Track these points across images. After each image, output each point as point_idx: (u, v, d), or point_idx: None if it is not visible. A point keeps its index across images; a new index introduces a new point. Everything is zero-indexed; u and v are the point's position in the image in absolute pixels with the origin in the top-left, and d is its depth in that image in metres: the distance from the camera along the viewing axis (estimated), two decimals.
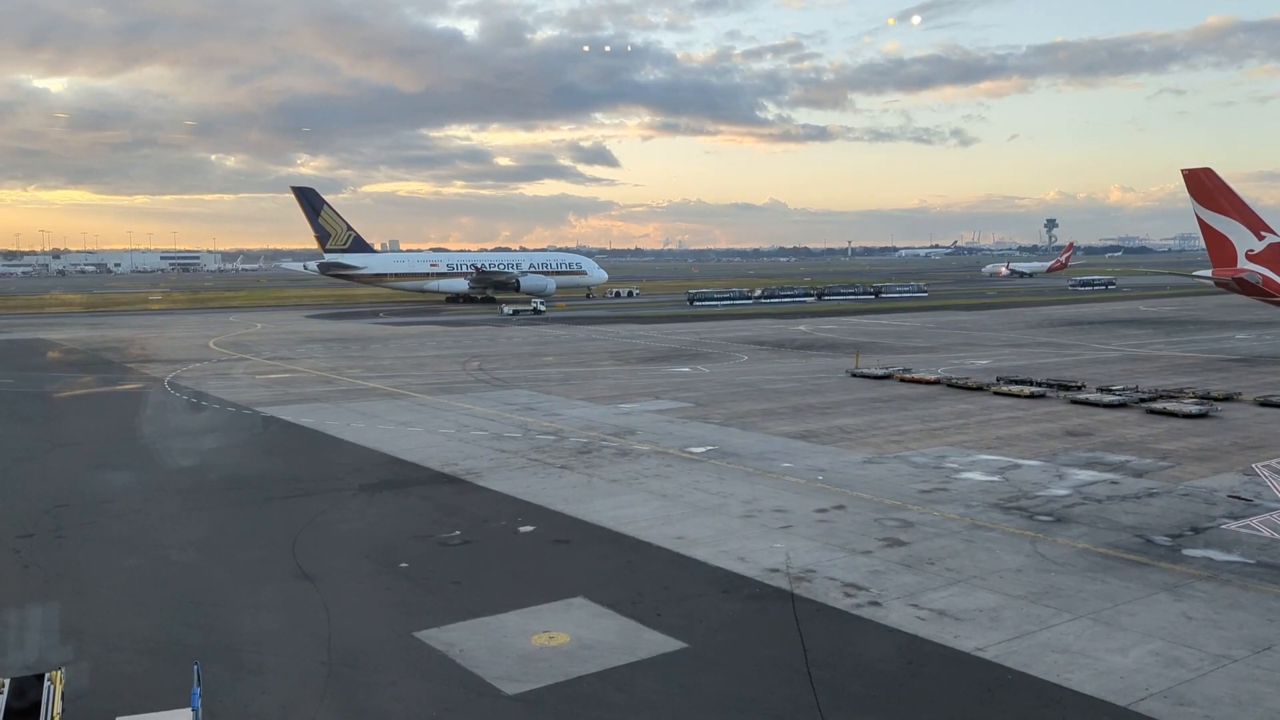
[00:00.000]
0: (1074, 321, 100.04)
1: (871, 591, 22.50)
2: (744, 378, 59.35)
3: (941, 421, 43.76)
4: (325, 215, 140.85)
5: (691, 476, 33.46)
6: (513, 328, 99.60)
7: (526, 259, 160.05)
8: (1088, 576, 23.40)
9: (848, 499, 30.35)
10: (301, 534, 27.67)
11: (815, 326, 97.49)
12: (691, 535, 26.83)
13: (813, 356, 71.28)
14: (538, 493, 31.55)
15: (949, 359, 67.68)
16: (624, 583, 23.44)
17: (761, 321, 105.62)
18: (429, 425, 44.07)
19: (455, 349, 79.08)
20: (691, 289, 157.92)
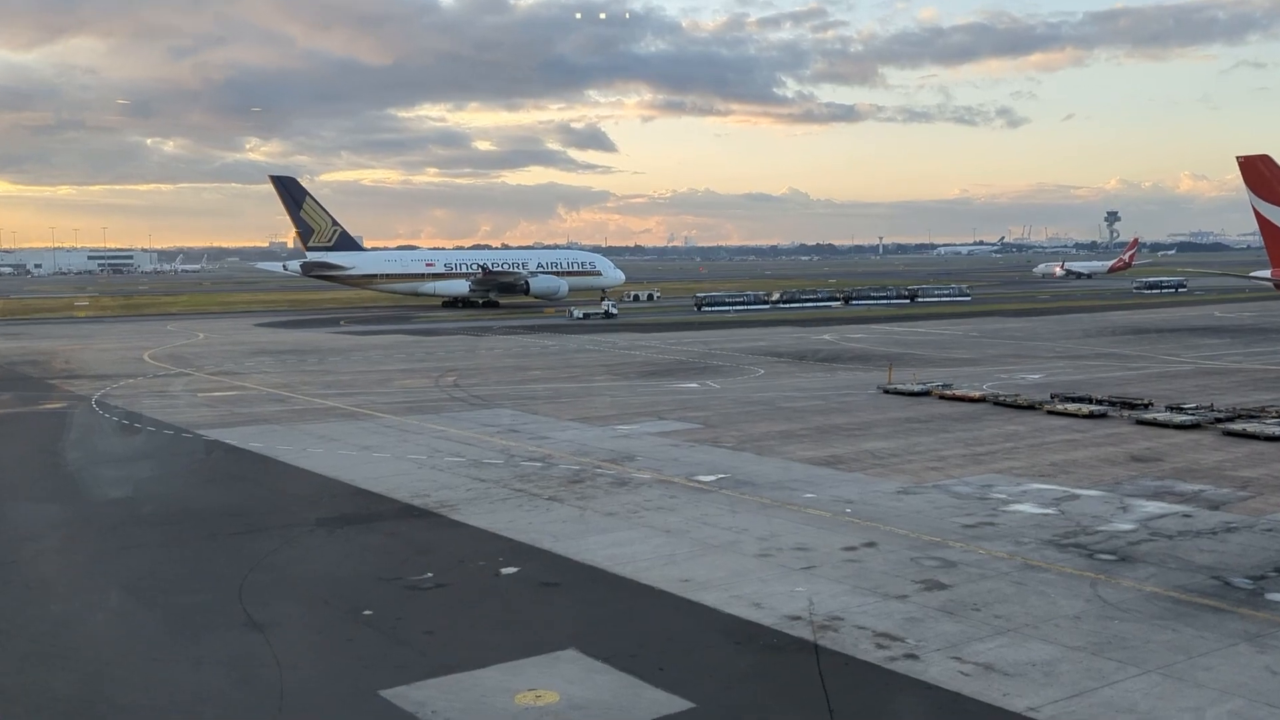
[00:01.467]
0: (1139, 329, 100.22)
1: (907, 642, 22.48)
2: (760, 395, 59.39)
3: (987, 445, 43.79)
4: (308, 208, 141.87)
5: (699, 509, 33.48)
6: (494, 339, 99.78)
7: (534, 258, 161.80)
8: (1156, 624, 23.38)
9: (880, 535, 30.34)
10: (250, 576, 27.64)
11: (841, 335, 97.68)
12: (699, 577, 26.81)
13: (839, 370, 71.35)
14: (522, 528, 31.55)
15: (995, 373, 67.75)
16: (621, 632, 23.42)
17: (780, 329, 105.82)
18: (397, 450, 44.08)
19: (427, 362, 79.16)
20: (699, 292, 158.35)
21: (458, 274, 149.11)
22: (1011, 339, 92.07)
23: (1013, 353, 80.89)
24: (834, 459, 41.22)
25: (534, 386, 64.79)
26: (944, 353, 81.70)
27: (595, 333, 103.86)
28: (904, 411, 52.78)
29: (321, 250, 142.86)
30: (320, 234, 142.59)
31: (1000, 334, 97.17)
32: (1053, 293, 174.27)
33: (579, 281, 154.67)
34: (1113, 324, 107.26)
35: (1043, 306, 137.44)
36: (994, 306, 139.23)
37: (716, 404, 56.25)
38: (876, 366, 71.61)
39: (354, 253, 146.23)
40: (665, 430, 48.24)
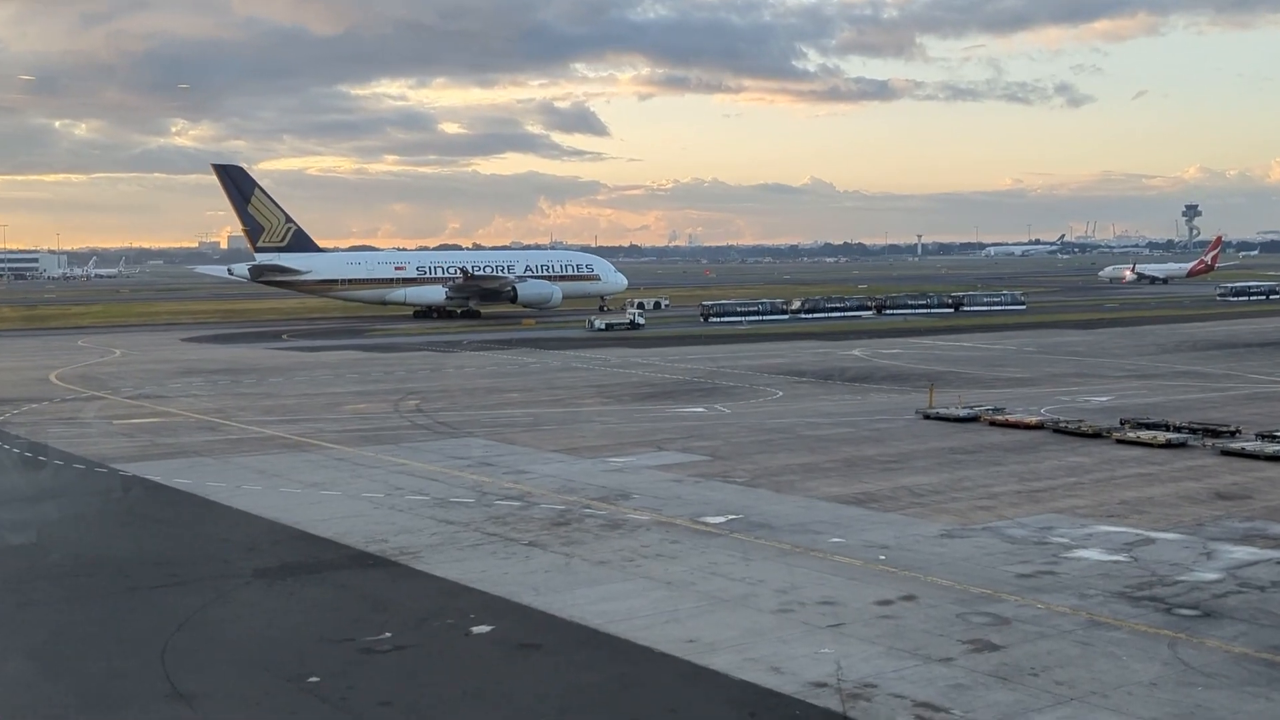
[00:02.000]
0: (1224, 344, 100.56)
1: (953, 713, 22.43)
2: (777, 421, 59.41)
3: (1046, 480, 43.81)
4: (257, 203, 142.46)
5: (707, 556, 33.46)
6: (464, 355, 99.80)
7: (521, 260, 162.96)
8: (1246, 692, 23.34)
9: (920, 586, 30.33)
10: (175, 637, 27.55)
11: (874, 351, 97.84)
12: (707, 637, 26.77)
13: (870, 392, 71.40)
14: (497, 579, 31.50)
15: (1056, 395, 67.83)
16: (614, 703, 23.35)
17: (801, 344, 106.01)
18: (349, 487, 44.04)
19: (385, 383, 79.21)
20: (706, 299, 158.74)
21: (432, 279, 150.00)
22: (1074, 355, 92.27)
23: (1075, 371, 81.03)
24: (865, 497, 41.22)
25: (511, 412, 64.72)
26: (994, 371, 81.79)
27: (584, 347, 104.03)
28: (947, 441, 52.79)
29: (273, 251, 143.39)
30: (271, 232, 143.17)
31: (1061, 349, 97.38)
32: (1122, 300, 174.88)
33: (574, 287, 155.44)
34: (1193, 337, 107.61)
35: (1110, 317, 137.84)
36: (1053, 317, 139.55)
37: (726, 432, 56.23)
38: (915, 387, 71.68)
39: (311, 254, 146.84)
40: (666, 463, 48.20)
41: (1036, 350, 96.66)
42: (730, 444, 52.71)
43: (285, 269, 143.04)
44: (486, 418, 62.32)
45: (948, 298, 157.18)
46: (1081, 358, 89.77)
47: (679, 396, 70.39)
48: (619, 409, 65.39)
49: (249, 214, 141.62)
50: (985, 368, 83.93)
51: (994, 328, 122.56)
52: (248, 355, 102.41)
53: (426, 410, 65.41)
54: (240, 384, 79.76)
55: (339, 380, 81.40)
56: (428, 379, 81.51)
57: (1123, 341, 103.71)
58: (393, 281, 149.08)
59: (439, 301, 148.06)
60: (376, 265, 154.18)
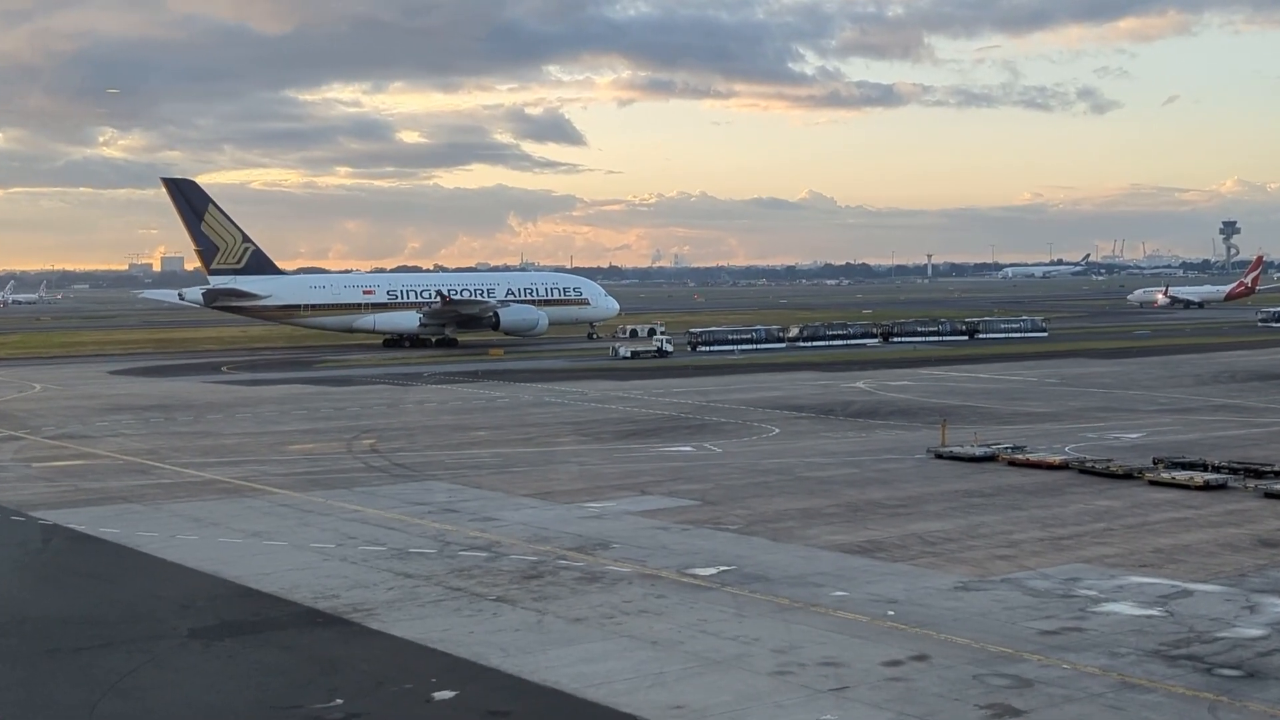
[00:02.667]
0: (1267, 375, 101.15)
1: None
2: (774, 461, 59.47)
3: (1072, 526, 43.90)
4: (212, 220, 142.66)
5: (696, 613, 33.40)
6: (425, 389, 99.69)
7: (501, 282, 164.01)
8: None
9: (933, 645, 30.31)
10: (102, 704, 27.34)
11: (880, 383, 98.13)
12: (696, 702, 26.69)
13: (876, 428, 71.55)
14: (462, 639, 31.39)
15: (1081, 431, 68.08)
16: None
17: (800, 375, 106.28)
18: (296, 537, 43.88)
19: (337, 420, 79.06)
20: (694, 326, 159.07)
21: (404, 304, 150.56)
22: (1101, 387, 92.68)
23: (1103, 405, 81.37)
24: (872, 545, 41.23)
25: (477, 452, 64.62)
26: (1014, 405, 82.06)
27: (562, 380, 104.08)
28: (962, 483, 52.91)
29: (229, 273, 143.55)
30: (227, 253, 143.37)
31: (1087, 381, 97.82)
32: (1154, 326, 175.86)
33: (560, 313, 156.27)
34: (1232, 367, 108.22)
35: (1141, 345, 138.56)
36: (1078, 345, 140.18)
37: (717, 473, 56.23)
38: (926, 424, 71.87)
39: (270, 277, 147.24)
40: (650, 508, 48.14)
41: (1060, 382, 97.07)
42: (721, 487, 52.67)
43: (242, 293, 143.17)
44: (450, 459, 62.18)
45: (961, 324, 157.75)
46: (1110, 390, 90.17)
47: (664, 434, 70.36)
48: (598, 448, 65.30)
49: (202, 233, 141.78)
50: (1003, 402, 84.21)
51: (1013, 357, 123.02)
52: (183, 390, 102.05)
53: (383, 450, 65.23)
54: (175, 422, 79.47)
55: (285, 417, 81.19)
56: (384, 415, 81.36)
57: (1155, 372, 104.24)
58: (360, 307, 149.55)
59: (412, 329, 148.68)
60: (343, 289, 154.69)
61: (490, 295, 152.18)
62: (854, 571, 37.59)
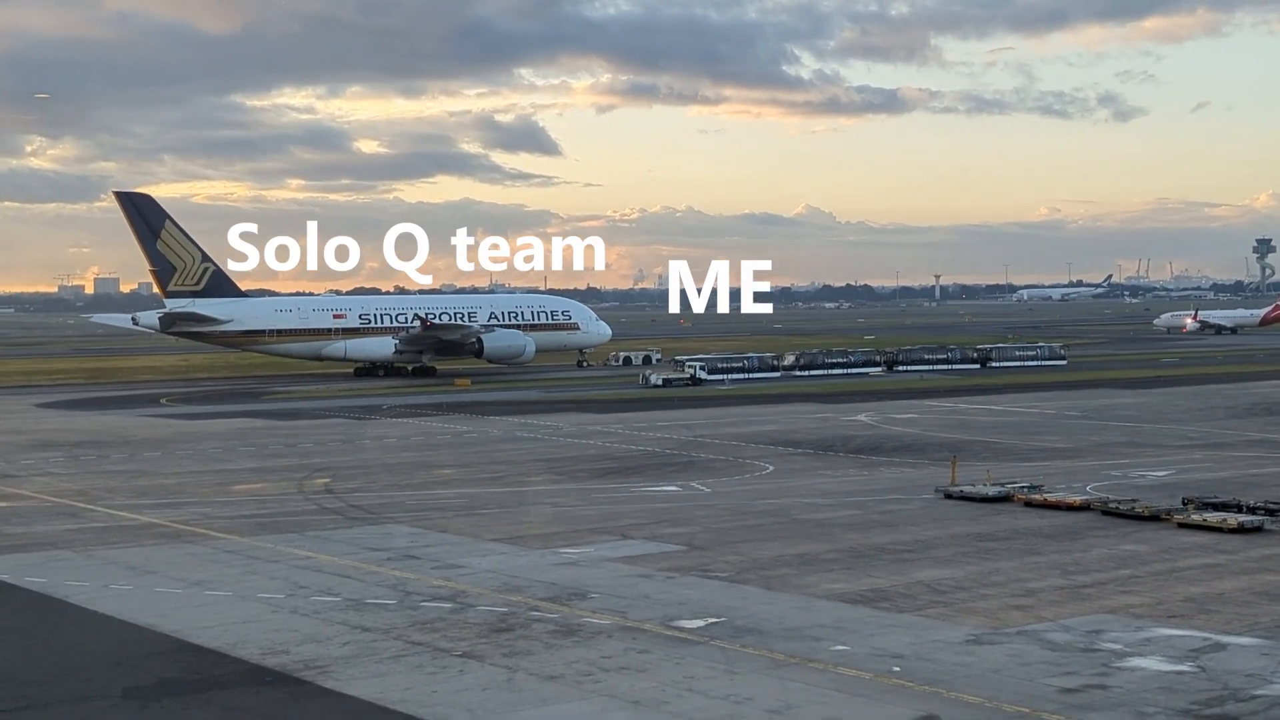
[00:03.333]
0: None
1: None
2: (767, 502, 59.54)
3: (1094, 573, 43.99)
4: (168, 238, 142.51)
5: (682, 669, 33.37)
6: (384, 423, 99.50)
7: (483, 305, 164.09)
8: None
9: (942, 704, 30.34)
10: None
11: (884, 416, 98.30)
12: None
13: (880, 466, 71.63)
14: (424, 700, 31.29)
15: (1104, 469, 68.29)
16: None
17: (796, 408, 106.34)
18: (242, 587, 43.70)
19: (287, 457, 78.84)
20: (680, 354, 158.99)
21: (378, 329, 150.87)
22: (1125, 420, 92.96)
23: (1127, 440, 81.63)
24: (875, 594, 41.25)
25: (441, 492, 64.50)
26: (1030, 440, 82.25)
27: (535, 413, 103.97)
28: (974, 525, 52.99)
29: (187, 296, 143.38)
30: (185, 273, 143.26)
31: (1109, 413, 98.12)
32: (1182, 354, 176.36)
33: (549, 338, 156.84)
34: (1268, 398, 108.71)
35: (1169, 374, 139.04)
36: (1100, 374, 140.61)
37: (706, 515, 56.20)
38: (934, 460, 72.02)
39: (232, 300, 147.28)
40: (632, 554, 48.06)
41: (1080, 415, 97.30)
42: (710, 530, 52.63)
43: (202, 317, 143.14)
44: (411, 500, 62.04)
45: (972, 351, 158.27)
46: (1135, 424, 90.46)
47: (647, 472, 70.31)
48: (574, 488, 65.22)
49: (158, 251, 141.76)
50: (1019, 436, 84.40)
51: (1029, 387, 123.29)
52: (118, 424, 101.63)
53: (337, 491, 65.08)
54: (108, 460, 79.13)
55: (229, 454, 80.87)
56: (339, 452, 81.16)
57: (1184, 404, 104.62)
58: (330, 332, 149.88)
59: (386, 356, 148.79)
60: (311, 313, 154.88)
61: (472, 319, 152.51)
62: (856, 623, 37.55)
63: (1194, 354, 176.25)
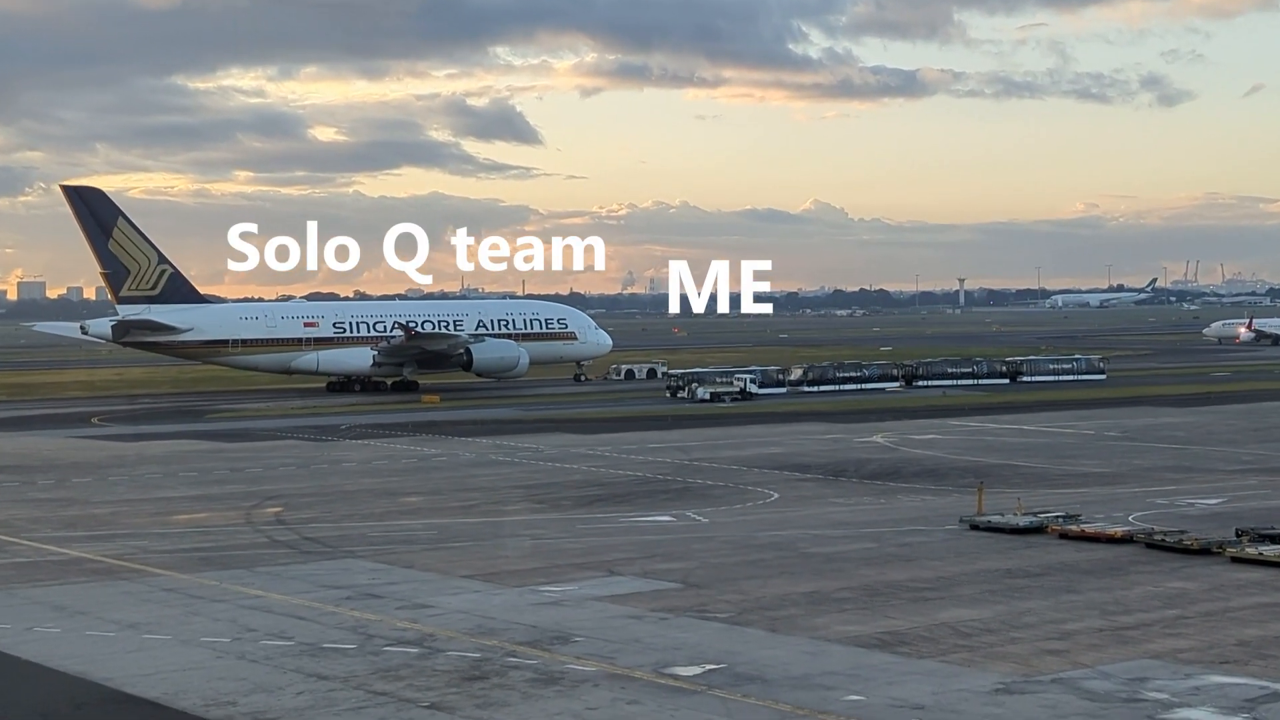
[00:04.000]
0: None
1: None
2: (772, 534, 59.46)
3: (1137, 613, 43.91)
4: (121, 237, 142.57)
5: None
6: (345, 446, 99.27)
7: (470, 312, 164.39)
8: None
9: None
10: None
11: (902, 437, 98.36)
12: None
13: (898, 493, 71.61)
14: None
15: (1149, 496, 68.29)
16: None
17: (804, 428, 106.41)
18: (183, 630, 43.51)
19: (234, 484, 78.67)
20: (674, 367, 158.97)
21: (355, 338, 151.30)
22: (1172, 442, 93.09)
23: (1174, 464, 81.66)
24: (892, 637, 41.13)
25: (407, 523, 64.34)
26: (1065, 464, 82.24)
27: (511, 433, 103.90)
28: (1003, 560, 52.92)
29: (141, 301, 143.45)
30: (140, 276, 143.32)
31: (1154, 434, 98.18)
32: (1235, 367, 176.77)
33: (544, 349, 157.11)
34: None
35: (1221, 390, 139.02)
36: (1143, 390, 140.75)
37: (703, 549, 56.08)
38: (958, 487, 71.98)
39: (192, 307, 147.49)
40: (620, 592, 47.95)
41: (1121, 436, 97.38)
42: (708, 566, 52.52)
43: (159, 326, 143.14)
44: (374, 531, 61.87)
45: (1001, 364, 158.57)
46: (1183, 446, 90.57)
47: (638, 500, 70.22)
48: (556, 518, 65.09)
49: (110, 252, 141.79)
50: (1053, 460, 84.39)
51: (1064, 405, 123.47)
52: (44, 447, 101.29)
53: (290, 522, 64.92)
54: (33, 486, 78.87)
55: (170, 481, 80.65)
56: (293, 478, 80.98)
57: (1237, 424, 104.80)
58: (301, 343, 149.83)
59: (363, 369, 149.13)
60: (280, 320, 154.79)
61: (458, 328, 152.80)
62: (871, 670, 37.42)
63: (1248, 367, 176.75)
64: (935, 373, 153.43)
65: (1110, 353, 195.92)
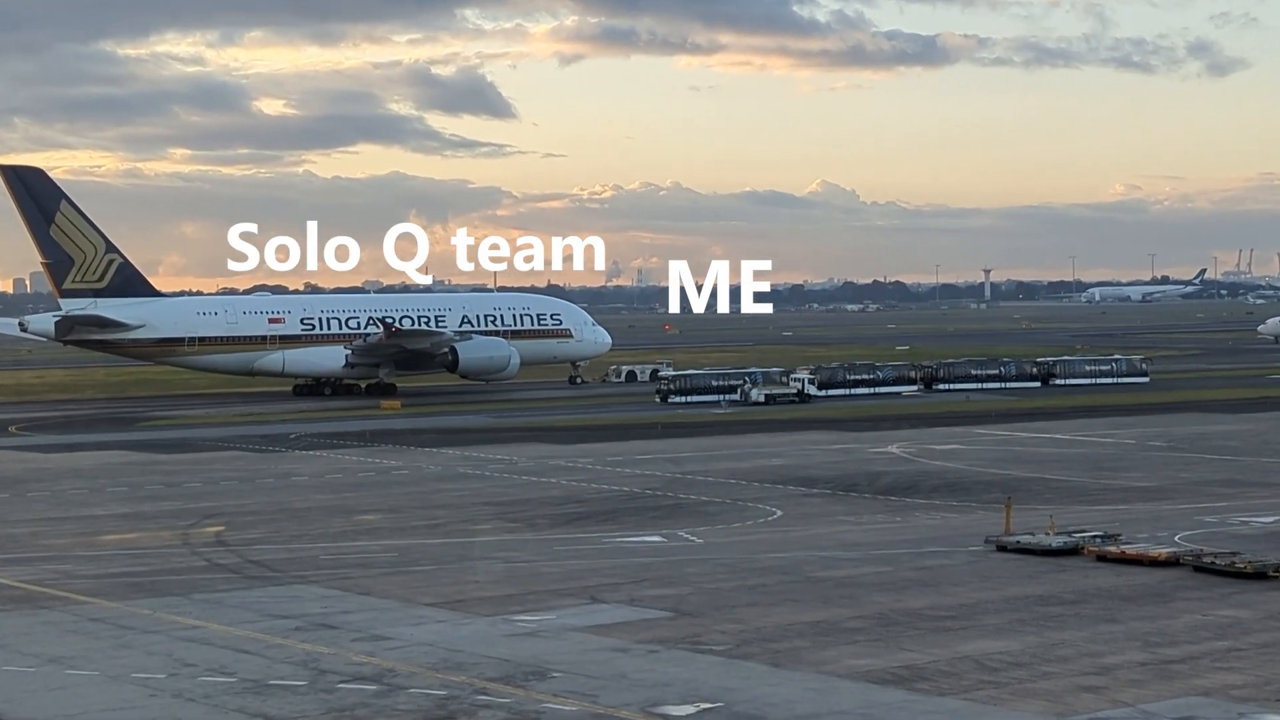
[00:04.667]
0: None
1: None
2: (774, 556, 59.41)
3: (1184, 645, 43.86)
4: (65, 223, 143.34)
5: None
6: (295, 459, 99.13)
7: (453, 306, 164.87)
8: None
9: None
10: None
11: (920, 446, 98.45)
12: None
13: (915, 510, 71.59)
14: None
15: (1197, 514, 68.30)
16: None
17: (810, 437, 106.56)
18: (112, 664, 43.39)
19: (170, 500, 78.62)
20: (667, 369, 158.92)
21: (325, 335, 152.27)
22: (1224, 453, 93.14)
23: (1226, 477, 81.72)
24: (909, 672, 41.05)
25: (364, 544, 64.29)
26: (1103, 478, 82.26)
27: (481, 443, 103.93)
28: (1033, 585, 52.85)
29: (87, 295, 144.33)
30: (86, 267, 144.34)
31: (1204, 444, 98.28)
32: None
33: (536, 348, 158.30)
34: None
35: (1278, 395, 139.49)
36: (1190, 395, 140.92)
37: (697, 573, 55.98)
38: (983, 504, 71.98)
39: (144, 301, 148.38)
40: (604, 622, 47.90)
41: (1167, 445, 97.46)
42: (703, 592, 52.41)
43: (107, 322, 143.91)
44: (326, 554, 61.81)
45: (1031, 365, 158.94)
46: (1236, 457, 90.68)
47: (623, 518, 70.19)
48: (531, 538, 65.07)
49: (52, 240, 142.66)
50: (1090, 473, 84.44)
51: (1102, 411, 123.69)
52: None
53: (233, 543, 64.84)
54: None
55: (98, 497, 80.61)
56: (236, 494, 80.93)
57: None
58: (265, 340, 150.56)
59: (334, 370, 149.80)
60: (241, 316, 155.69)
61: (437, 325, 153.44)
62: (885, 709, 37.38)
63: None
64: (958, 375, 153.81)
65: (1154, 352, 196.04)
